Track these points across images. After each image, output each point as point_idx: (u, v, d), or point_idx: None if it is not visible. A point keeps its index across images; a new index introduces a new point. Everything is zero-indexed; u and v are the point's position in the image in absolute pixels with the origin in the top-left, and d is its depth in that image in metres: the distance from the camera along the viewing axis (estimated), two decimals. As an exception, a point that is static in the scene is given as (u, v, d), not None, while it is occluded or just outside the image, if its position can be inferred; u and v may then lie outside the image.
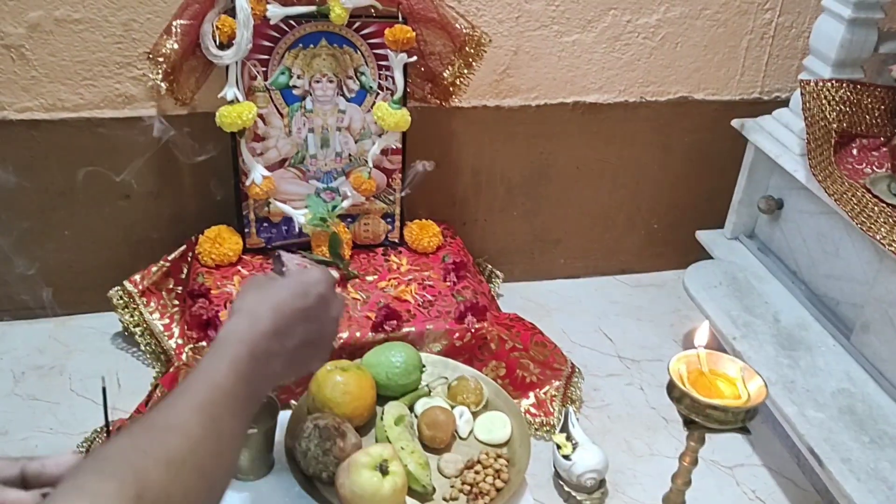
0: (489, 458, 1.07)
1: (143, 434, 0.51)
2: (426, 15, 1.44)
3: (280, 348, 0.66)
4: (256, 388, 0.62)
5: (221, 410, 0.56)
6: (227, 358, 0.60)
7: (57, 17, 1.38)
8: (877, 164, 1.42)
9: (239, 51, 1.36)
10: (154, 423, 0.52)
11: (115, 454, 0.48)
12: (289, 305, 0.68)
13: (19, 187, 1.50)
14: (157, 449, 0.49)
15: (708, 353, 0.99)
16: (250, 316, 0.65)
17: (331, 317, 0.74)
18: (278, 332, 0.66)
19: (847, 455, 1.18)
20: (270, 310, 0.66)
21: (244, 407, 0.60)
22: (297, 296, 0.69)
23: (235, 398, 0.58)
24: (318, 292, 0.71)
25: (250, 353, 0.62)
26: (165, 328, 1.51)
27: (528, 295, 1.84)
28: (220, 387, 0.57)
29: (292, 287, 0.70)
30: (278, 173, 1.52)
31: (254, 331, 0.64)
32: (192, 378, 0.58)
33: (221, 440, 0.55)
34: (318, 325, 0.71)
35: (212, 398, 0.56)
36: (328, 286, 0.73)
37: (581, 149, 1.76)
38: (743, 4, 1.68)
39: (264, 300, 0.68)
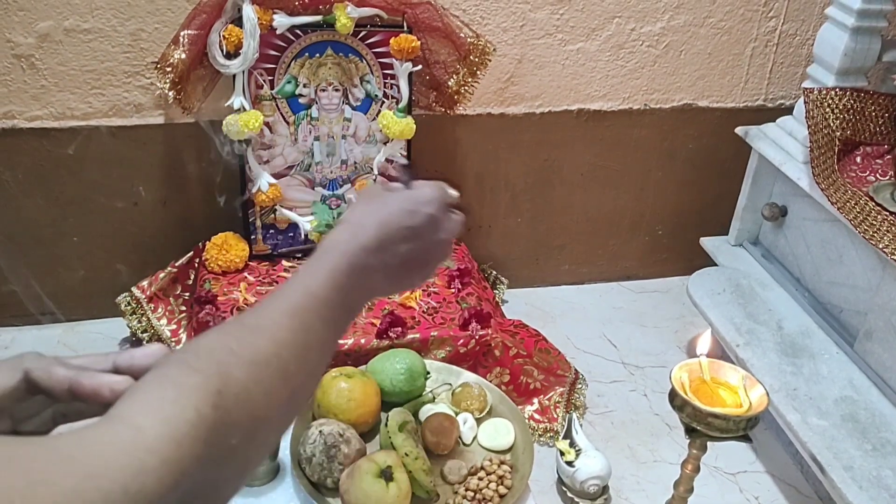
0: (493, 465, 1.08)
1: (233, 332, 0.51)
2: (431, 24, 1.46)
3: (380, 264, 0.64)
4: (352, 300, 0.62)
5: (313, 317, 0.56)
6: (326, 267, 0.60)
7: (66, 27, 1.40)
8: (880, 173, 1.43)
9: (245, 60, 1.38)
10: (245, 322, 0.53)
11: (202, 349, 0.49)
12: (395, 222, 0.65)
13: (29, 195, 1.52)
14: (243, 347, 0.50)
15: (710, 361, 0.99)
16: (355, 228, 0.64)
17: (438, 238, 0.69)
18: (381, 248, 0.64)
19: (849, 463, 1.19)
20: (376, 224, 0.64)
21: (337, 317, 0.59)
22: (405, 213, 0.66)
23: (329, 306, 0.58)
24: (428, 212, 0.68)
25: (349, 264, 0.61)
26: (173, 334, 1.52)
27: (532, 301, 1.85)
28: (314, 294, 0.57)
29: (402, 203, 0.67)
30: (284, 181, 1.53)
31: (355, 243, 0.62)
32: (288, 283, 0.58)
33: (309, 346, 0.55)
34: (423, 245, 0.68)
35: (305, 304, 0.56)
36: (440, 206, 0.69)
37: (585, 156, 1.76)
38: (747, 12, 1.68)
39: (371, 213, 0.66)
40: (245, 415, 0.47)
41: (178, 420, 0.42)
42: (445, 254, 0.72)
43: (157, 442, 0.41)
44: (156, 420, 0.42)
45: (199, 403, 0.44)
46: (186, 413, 0.43)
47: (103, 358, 0.53)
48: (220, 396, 0.45)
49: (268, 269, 1.56)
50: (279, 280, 1.53)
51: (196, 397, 0.44)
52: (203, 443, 0.43)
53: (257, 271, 1.55)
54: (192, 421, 0.43)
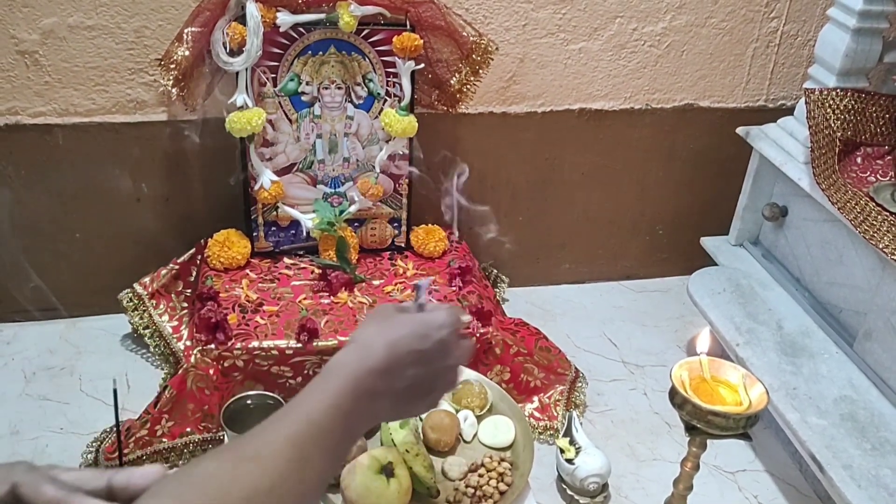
0: (493, 462, 1.08)
1: (230, 461, 0.51)
2: (434, 23, 1.46)
3: (387, 388, 0.62)
4: (354, 427, 0.60)
5: (312, 447, 0.54)
6: (329, 391, 0.58)
7: (70, 23, 1.41)
8: (881, 173, 1.43)
9: (249, 58, 1.38)
10: (244, 451, 0.52)
11: (199, 479, 0.48)
12: (405, 346, 0.63)
13: (31, 190, 1.53)
14: (239, 480, 0.49)
15: (710, 359, 1.00)
16: (363, 349, 0.62)
17: (448, 365, 0.68)
18: (388, 371, 0.62)
19: (848, 462, 1.19)
20: (385, 346, 0.62)
21: (337, 446, 0.58)
22: (416, 336, 0.65)
23: (330, 436, 0.56)
24: (440, 337, 0.66)
25: (354, 389, 0.59)
26: (174, 330, 1.53)
27: (532, 300, 1.86)
28: (315, 422, 0.56)
29: (413, 326, 0.65)
30: (287, 178, 1.53)
31: (362, 366, 0.61)
32: (290, 406, 0.57)
33: (306, 478, 0.53)
34: (432, 371, 0.66)
35: (306, 432, 0.55)
36: (452, 331, 0.67)
37: (586, 155, 1.77)
38: (749, 13, 1.69)
39: (381, 334, 0.64)
40: None
41: None
42: (453, 381, 0.70)
43: None
44: None
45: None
46: None
47: (99, 475, 0.53)
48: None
49: (269, 266, 1.56)
50: (280, 277, 1.53)
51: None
52: None
53: (259, 268, 1.55)
54: None
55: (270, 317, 1.42)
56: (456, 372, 0.70)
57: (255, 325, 1.39)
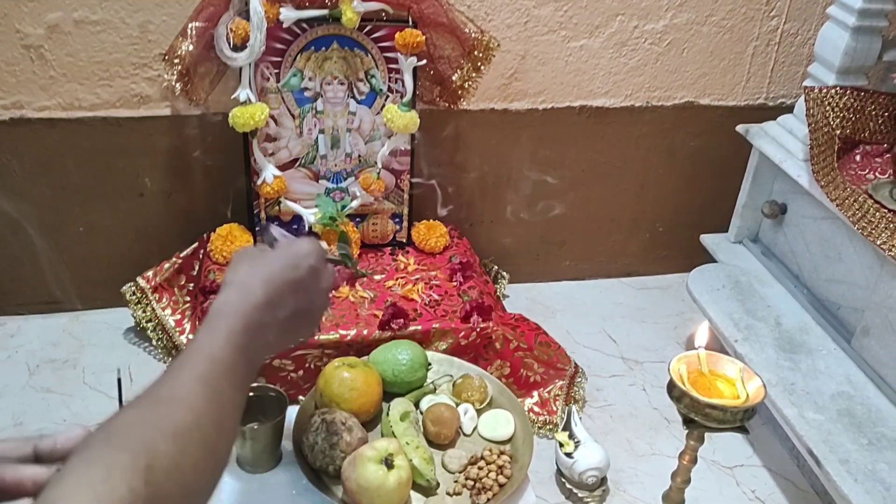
0: (492, 455, 1.09)
1: (150, 407, 0.52)
2: (436, 19, 1.47)
3: (272, 319, 0.67)
4: (252, 359, 0.64)
5: (222, 382, 0.57)
6: (223, 331, 0.61)
7: (75, 18, 1.42)
8: (880, 171, 1.44)
9: (252, 53, 1.39)
10: (159, 396, 0.54)
11: (123, 427, 0.49)
12: (280, 277, 0.68)
13: (35, 184, 1.54)
14: (163, 422, 0.50)
15: (708, 353, 1.01)
16: (242, 288, 0.66)
17: (321, 287, 0.74)
18: (270, 304, 0.66)
19: (845, 456, 1.20)
20: (262, 281, 0.67)
21: (243, 377, 0.62)
22: (287, 267, 0.70)
23: (234, 369, 0.60)
24: (309, 264, 0.71)
25: (244, 325, 0.63)
26: (177, 324, 1.54)
27: (533, 296, 1.87)
28: (219, 360, 0.59)
29: (283, 259, 0.70)
30: (289, 173, 1.54)
31: (247, 303, 0.65)
32: (190, 351, 0.59)
33: (224, 411, 0.56)
34: (308, 296, 0.71)
35: (212, 370, 0.57)
36: (318, 258, 0.73)
37: (587, 152, 1.78)
38: (749, 11, 1.69)
39: (255, 272, 0.68)
40: (176, 487, 0.48)
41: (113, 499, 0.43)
42: (326, 303, 0.76)
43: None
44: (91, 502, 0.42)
45: (131, 481, 0.44)
46: (120, 491, 0.43)
47: (23, 443, 0.54)
48: (150, 472, 0.45)
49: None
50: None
51: (127, 475, 0.44)
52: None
53: (261, 263, 1.56)
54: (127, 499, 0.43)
55: (272, 311, 1.42)
56: (328, 294, 0.76)
57: (258, 319, 1.40)
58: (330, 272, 0.76)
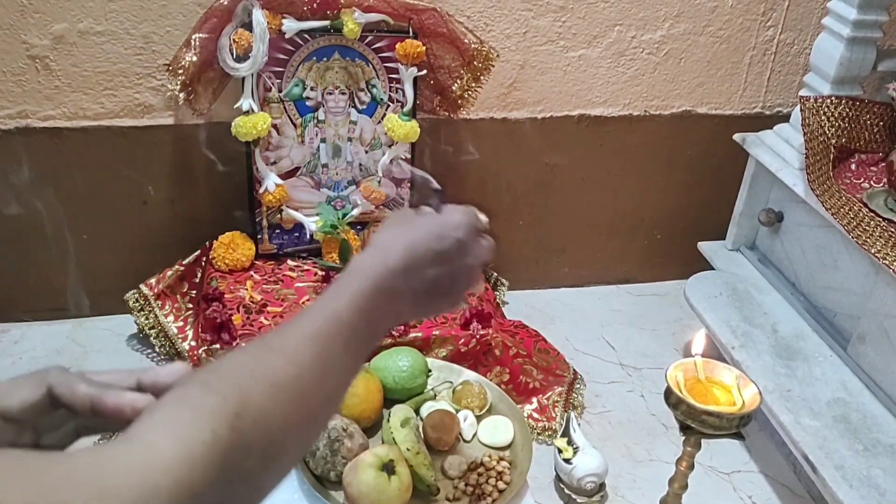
0: (492, 461, 1.10)
1: (255, 353, 0.51)
2: (436, 30, 1.49)
3: (406, 288, 0.64)
4: (376, 325, 0.61)
5: (335, 342, 0.55)
6: (351, 290, 0.59)
7: (81, 29, 1.43)
8: (874, 180, 1.46)
9: (255, 63, 1.41)
10: (269, 344, 0.53)
11: (224, 370, 0.49)
12: (423, 245, 0.65)
13: (40, 193, 1.55)
14: (264, 370, 0.49)
15: (705, 361, 1.02)
16: (382, 251, 0.63)
17: (466, 263, 0.69)
18: (407, 271, 0.63)
19: (840, 462, 1.22)
20: (403, 247, 0.64)
21: (360, 342, 0.59)
22: (433, 237, 0.66)
23: (352, 331, 0.57)
24: (458, 237, 0.67)
25: (375, 287, 0.60)
26: (179, 330, 1.55)
27: (532, 303, 1.88)
28: (338, 318, 0.56)
29: (430, 227, 0.67)
30: (291, 182, 1.56)
31: (382, 266, 0.62)
32: (313, 305, 0.58)
33: (330, 371, 0.54)
34: (450, 270, 0.67)
35: (328, 328, 0.55)
36: (469, 231, 0.69)
37: (585, 160, 1.79)
38: (745, 21, 1.71)
39: (399, 236, 0.65)
40: (262, 438, 0.46)
41: (194, 441, 0.42)
42: (473, 280, 0.71)
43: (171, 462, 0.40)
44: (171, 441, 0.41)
45: (216, 425, 0.43)
46: (203, 434, 0.42)
47: (127, 375, 0.53)
48: (237, 419, 0.45)
49: (273, 268, 1.59)
50: (284, 279, 1.56)
51: (213, 419, 0.44)
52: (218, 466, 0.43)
53: (263, 270, 1.58)
54: (208, 442, 0.42)
55: (274, 317, 1.44)
56: (475, 271, 0.71)
57: (260, 326, 1.42)
58: (482, 248, 0.70)
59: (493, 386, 1.24)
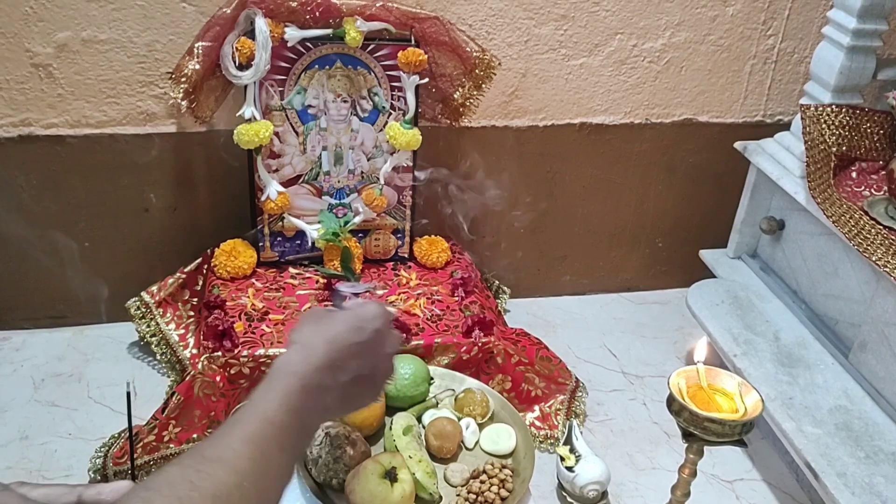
0: (494, 469, 1.10)
1: (193, 465, 0.52)
2: (438, 38, 1.49)
3: (333, 382, 0.65)
4: (307, 422, 0.62)
5: (271, 444, 0.56)
6: (280, 390, 0.60)
7: (84, 37, 1.44)
8: (875, 188, 1.46)
9: (257, 71, 1.42)
10: (204, 454, 0.54)
11: (164, 485, 0.49)
12: (344, 340, 0.67)
13: (42, 200, 1.56)
14: (204, 481, 0.50)
15: (707, 368, 1.02)
16: (305, 349, 0.65)
17: (385, 353, 0.72)
18: (332, 366, 0.65)
19: (843, 470, 1.21)
20: (325, 343, 0.66)
21: (294, 441, 0.60)
22: (352, 330, 0.69)
23: (286, 431, 0.58)
24: (374, 328, 0.70)
25: (302, 386, 0.62)
26: (181, 338, 1.55)
27: (534, 311, 1.88)
28: (270, 420, 0.58)
29: (348, 321, 0.69)
30: (293, 189, 1.56)
31: (307, 364, 0.64)
32: (244, 410, 0.59)
33: (268, 474, 0.55)
34: (372, 361, 0.70)
35: (262, 431, 0.57)
36: (384, 322, 0.72)
37: (587, 168, 1.80)
38: (746, 30, 1.72)
39: (319, 333, 0.67)
40: None
41: None
42: (390, 368, 0.74)
43: None
44: None
45: None
46: None
47: (69, 491, 0.54)
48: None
49: (275, 276, 1.59)
50: (286, 287, 1.56)
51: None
52: None
53: (264, 277, 1.58)
54: None
55: (276, 325, 1.44)
56: (392, 360, 0.74)
57: (261, 333, 1.42)
58: (396, 337, 0.74)
59: (495, 394, 1.24)
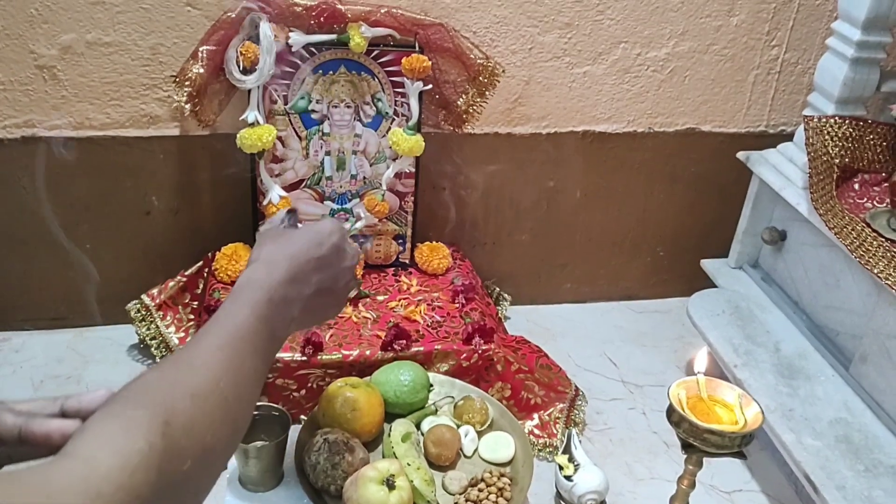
0: (493, 477, 1.10)
1: (170, 369, 0.55)
2: (442, 45, 1.50)
3: (297, 295, 0.69)
4: (275, 330, 0.65)
5: (243, 347, 0.59)
6: (247, 303, 0.63)
7: (88, 39, 1.44)
8: (877, 200, 1.46)
9: (261, 76, 1.42)
10: (180, 359, 0.56)
11: (144, 387, 0.52)
12: (304, 254, 0.71)
13: (44, 201, 1.56)
14: (182, 383, 0.53)
15: (707, 379, 1.02)
16: (267, 265, 0.68)
17: (345, 266, 0.76)
18: (294, 280, 0.69)
19: (842, 482, 1.21)
20: (286, 258, 0.69)
21: (265, 345, 0.63)
22: (312, 245, 0.72)
23: (256, 336, 0.61)
24: (333, 242, 0.74)
25: (268, 298, 0.65)
26: (181, 342, 1.55)
27: (534, 318, 1.88)
28: (240, 327, 0.61)
29: (307, 237, 0.73)
30: (295, 194, 1.56)
31: (271, 278, 0.66)
32: (213, 321, 0.61)
33: (243, 375, 0.58)
34: (332, 273, 0.74)
35: (233, 337, 0.60)
36: (341, 236, 0.76)
37: (589, 176, 1.80)
38: (750, 41, 1.72)
39: (280, 250, 0.70)
40: (193, 442, 0.50)
41: (130, 451, 0.45)
42: (350, 280, 0.77)
43: (111, 471, 0.43)
44: (109, 452, 0.44)
45: (149, 434, 0.47)
46: (137, 444, 0.46)
47: (51, 403, 0.56)
48: (167, 426, 0.48)
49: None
50: (287, 291, 1.55)
51: (144, 429, 0.47)
52: (156, 470, 0.46)
53: (265, 282, 1.58)
54: (143, 451, 0.45)
55: (276, 330, 1.44)
56: (353, 272, 0.77)
57: (261, 338, 1.41)
58: (353, 250, 0.77)
59: (494, 401, 1.24)
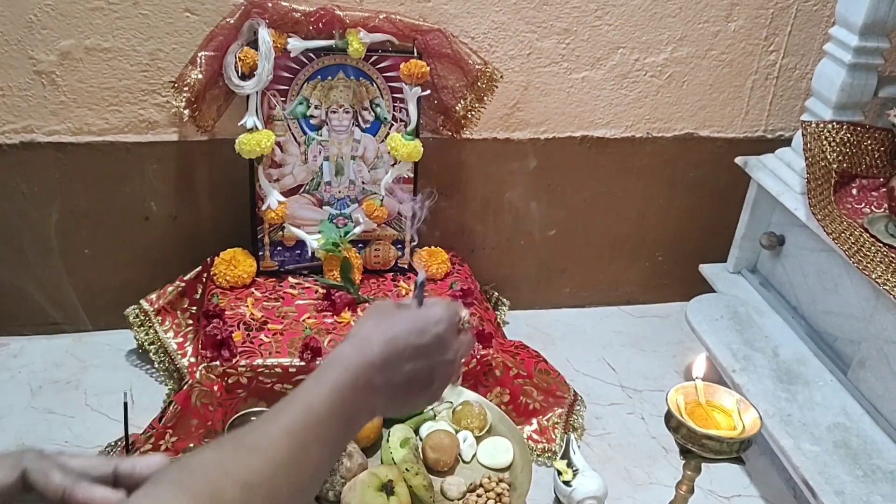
0: (491, 482, 1.10)
1: (230, 451, 0.52)
2: (440, 50, 1.50)
3: (384, 382, 0.64)
4: (352, 419, 0.61)
5: (311, 437, 0.55)
6: (329, 382, 0.59)
7: (87, 45, 1.44)
8: (875, 205, 1.46)
9: (260, 81, 1.42)
10: (243, 440, 0.53)
11: (197, 467, 0.50)
12: (403, 340, 0.65)
13: (43, 207, 1.56)
14: (238, 468, 0.50)
15: (706, 384, 1.02)
16: (362, 344, 0.64)
17: (445, 359, 0.69)
18: (386, 366, 0.64)
19: (840, 488, 1.21)
20: (383, 341, 0.64)
21: (335, 437, 0.59)
22: (413, 332, 0.66)
23: (328, 426, 0.57)
24: (437, 332, 0.68)
25: (353, 381, 0.60)
26: (179, 347, 1.55)
27: (533, 323, 1.88)
28: (314, 412, 0.57)
29: (411, 321, 0.67)
30: (293, 199, 1.56)
31: (361, 358, 0.62)
32: (290, 398, 0.58)
33: (304, 466, 0.54)
34: (428, 365, 0.67)
35: (304, 422, 0.56)
36: (449, 327, 0.69)
37: (588, 181, 1.80)
38: (748, 46, 1.72)
39: (378, 330, 0.66)
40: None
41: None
42: (451, 375, 0.71)
43: None
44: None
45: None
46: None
47: (106, 462, 0.55)
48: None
49: (274, 286, 1.59)
50: (285, 296, 1.56)
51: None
52: None
53: (264, 287, 1.58)
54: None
55: (275, 335, 1.44)
56: (455, 366, 0.71)
57: (260, 343, 1.42)
58: (461, 343, 0.71)
59: (493, 407, 1.24)
